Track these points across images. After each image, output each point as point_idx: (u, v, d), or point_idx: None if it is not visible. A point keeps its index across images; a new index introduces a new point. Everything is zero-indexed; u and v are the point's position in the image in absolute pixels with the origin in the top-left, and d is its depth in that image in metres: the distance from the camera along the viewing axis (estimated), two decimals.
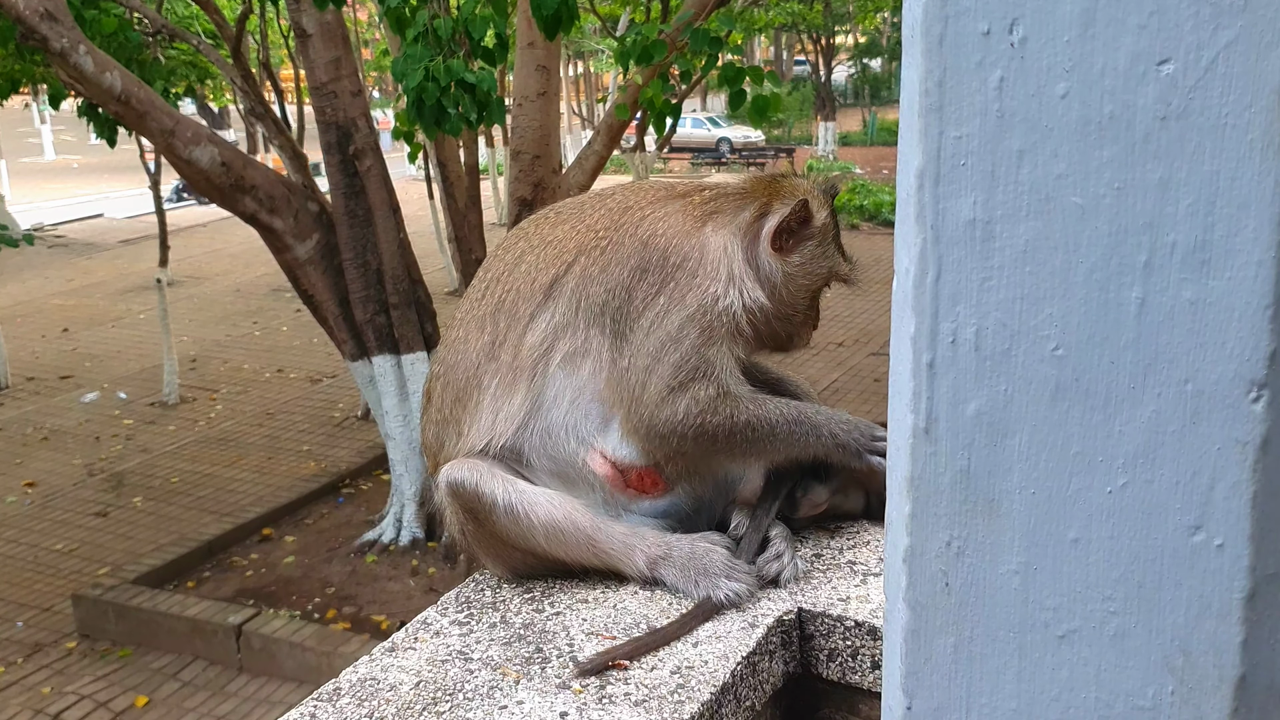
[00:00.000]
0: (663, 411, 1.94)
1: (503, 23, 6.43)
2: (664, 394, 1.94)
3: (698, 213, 2.03)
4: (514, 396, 2.02)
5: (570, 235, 2.05)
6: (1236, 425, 0.82)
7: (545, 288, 2.02)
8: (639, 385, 1.96)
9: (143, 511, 10.73)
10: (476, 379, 2.05)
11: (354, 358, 9.15)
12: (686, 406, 1.94)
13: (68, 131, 41.27)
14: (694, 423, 1.95)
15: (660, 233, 2.00)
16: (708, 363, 1.96)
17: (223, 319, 17.88)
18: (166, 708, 7.69)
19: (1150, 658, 0.89)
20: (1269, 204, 0.78)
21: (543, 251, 2.05)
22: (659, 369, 1.94)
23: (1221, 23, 0.77)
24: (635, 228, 2.01)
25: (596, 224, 2.04)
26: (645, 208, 2.04)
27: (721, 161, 35.07)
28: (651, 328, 1.95)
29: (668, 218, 2.02)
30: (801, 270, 2.08)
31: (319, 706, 1.71)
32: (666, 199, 2.07)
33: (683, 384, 1.95)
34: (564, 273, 2.01)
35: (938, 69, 0.85)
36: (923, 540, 0.94)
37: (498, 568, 2.08)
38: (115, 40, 8.89)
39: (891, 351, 0.96)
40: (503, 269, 2.10)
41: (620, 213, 2.04)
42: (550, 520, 1.96)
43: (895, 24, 36.04)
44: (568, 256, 2.02)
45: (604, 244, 2.01)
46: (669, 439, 1.96)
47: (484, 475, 1.99)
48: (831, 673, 1.92)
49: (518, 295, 2.04)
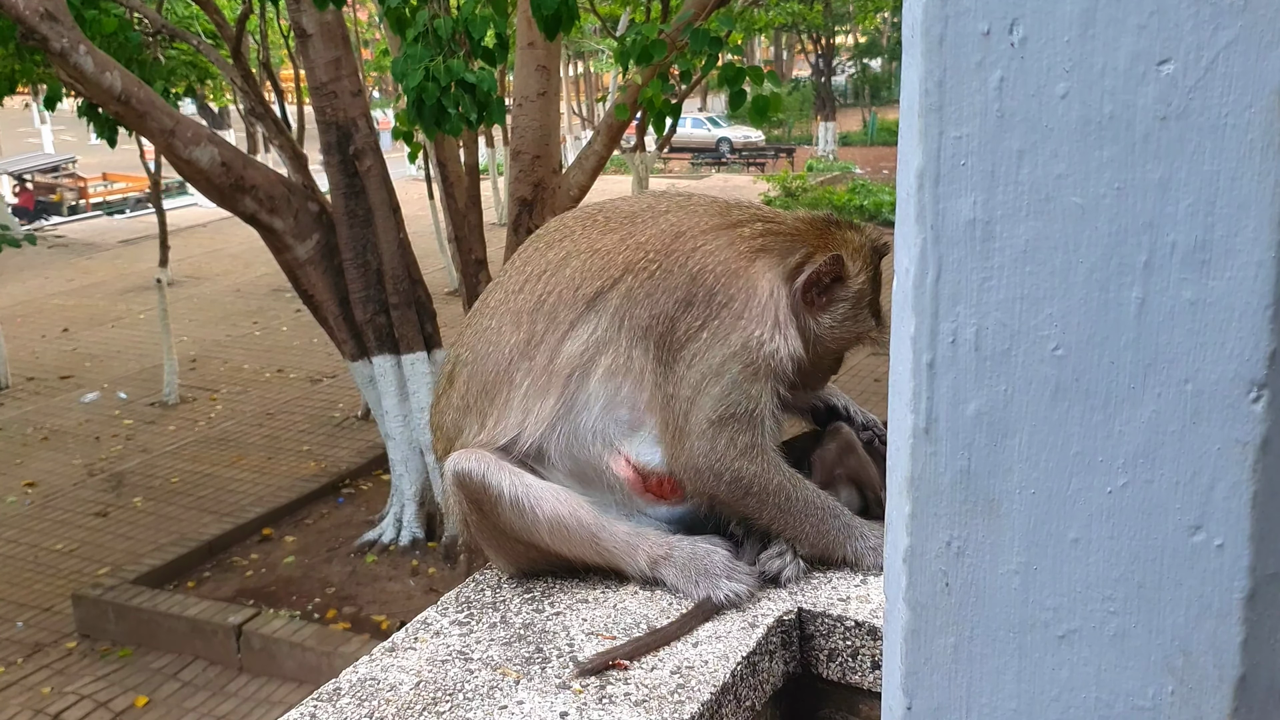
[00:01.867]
0: (701, 445, 1.96)
1: (503, 23, 6.43)
2: (704, 427, 1.96)
3: (746, 248, 2.02)
4: (546, 399, 2.02)
5: (619, 249, 2.04)
6: (1236, 425, 0.82)
7: (589, 299, 2.01)
8: (681, 416, 1.97)
9: (143, 511, 10.73)
10: (508, 375, 2.05)
11: (354, 358, 9.16)
12: (726, 444, 1.95)
13: (68, 131, 41.23)
14: (731, 464, 1.96)
15: (710, 268, 1.99)
16: (753, 401, 1.96)
17: (223, 319, 17.88)
18: (166, 708, 7.70)
19: (1150, 658, 0.89)
20: (1269, 204, 0.78)
21: (590, 259, 2.04)
22: (701, 401, 1.95)
23: (1221, 23, 0.77)
24: (686, 258, 2.00)
25: (647, 243, 2.03)
26: (698, 236, 2.03)
27: (721, 161, 35.07)
28: (694, 360, 1.96)
29: (718, 251, 2.00)
30: (829, 332, 2.08)
31: (319, 706, 1.71)
32: (719, 229, 2.05)
33: (723, 420, 1.95)
34: (609, 288, 2.01)
35: (938, 69, 0.85)
36: (923, 540, 0.94)
37: (500, 560, 2.09)
38: (115, 40, 8.88)
39: (891, 351, 0.96)
40: (545, 267, 2.08)
41: (673, 237, 2.03)
42: (555, 515, 1.96)
43: (895, 24, 36.05)
44: (614, 271, 2.01)
45: (653, 268, 2.00)
46: (704, 475, 1.97)
47: (491, 467, 1.99)
48: (831, 673, 1.92)
49: (559, 299, 2.03)
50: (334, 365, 13.86)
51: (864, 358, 9.57)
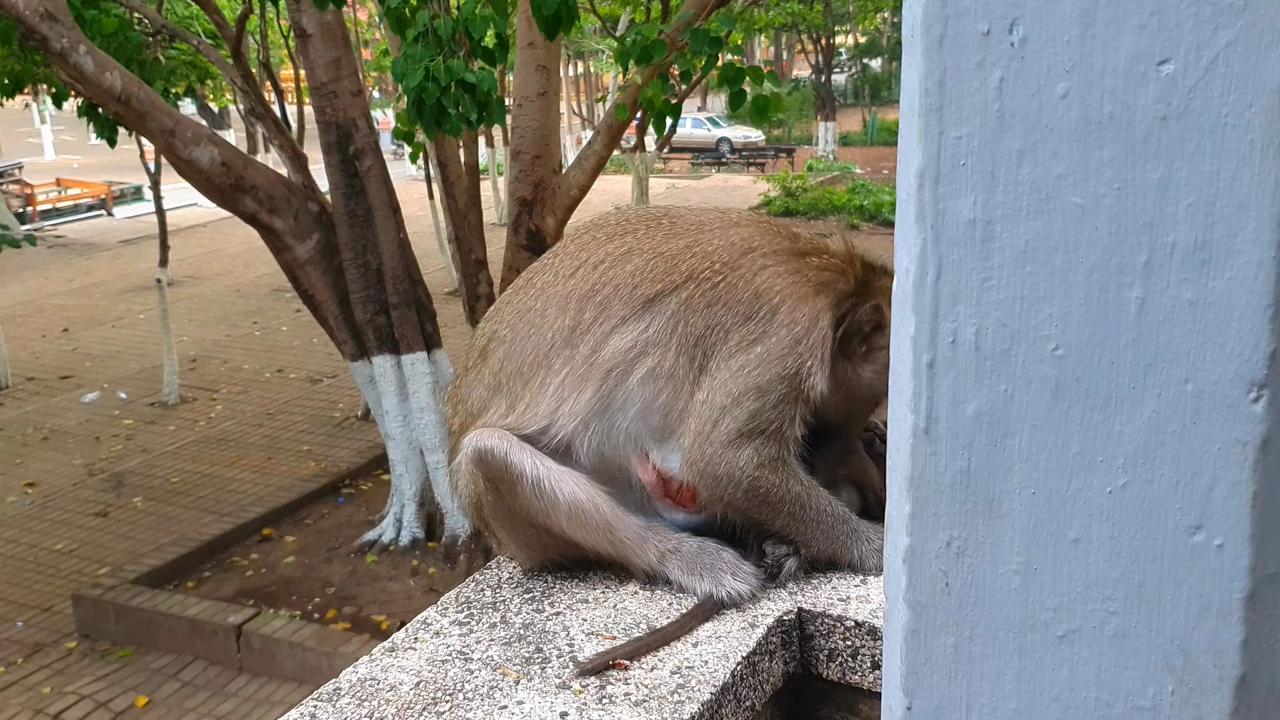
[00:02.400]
0: (726, 454, 1.96)
1: (503, 23, 6.43)
2: (733, 437, 1.95)
3: (815, 279, 2.02)
4: (583, 392, 2.00)
5: (685, 256, 2.03)
6: (1236, 425, 0.82)
7: (647, 299, 2.00)
8: (710, 422, 1.96)
9: (143, 511, 10.73)
10: (547, 360, 2.03)
11: (354, 358, 9.16)
12: (749, 456, 1.96)
13: (68, 131, 41.26)
14: (751, 474, 1.96)
15: (776, 290, 1.99)
16: (784, 421, 1.97)
17: (223, 319, 17.88)
18: (166, 708, 7.70)
19: (1150, 658, 0.89)
20: (1269, 204, 0.78)
21: (653, 261, 2.03)
22: (736, 412, 1.95)
23: (1221, 23, 0.77)
24: (753, 276, 2.00)
25: (714, 254, 2.02)
26: (767, 256, 2.03)
27: (721, 161, 35.09)
28: (740, 371, 1.96)
29: (785, 276, 2.01)
30: (870, 380, 2.08)
31: (319, 706, 1.71)
32: (788, 254, 2.05)
33: (752, 434, 1.96)
34: (669, 292, 2.00)
35: (938, 69, 0.85)
36: (923, 540, 0.94)
37: (510, 543, 2.07)
38: (115, 40, 8.88)
39: (892, 351, 0.96)
40: (604, 257, 2.06)
41: (741, 253, 2.02)
42: (574, 499, 1.96)
43: (895, 24, 36.05)
44: (677, 278, 2.00)
45: (717, 280, 1.99)
46: (722, 482, 1.97)
47: (514, 446, 1.97)
48: (831, 673, 1.92)
49: (615, 293, 2.01)
50: (334, 365, 13.86)
51: None
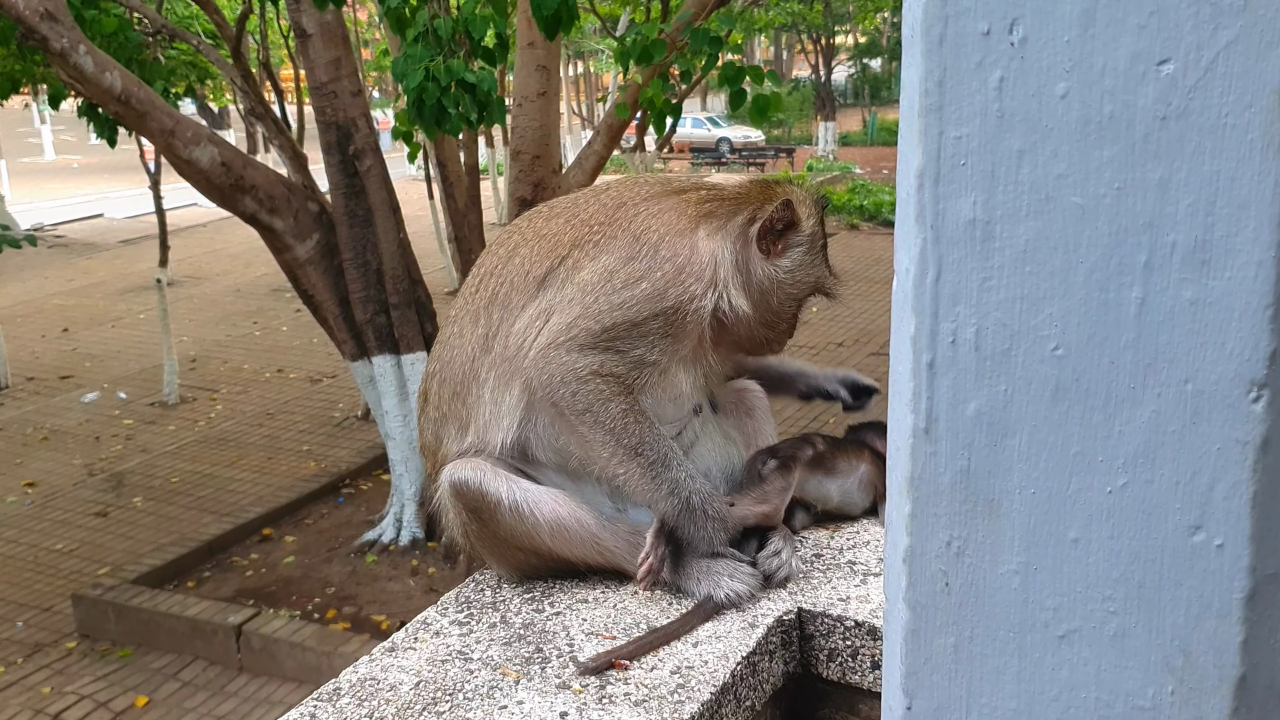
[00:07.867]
0: (570, 355, 1.92)
1: (503, 23, 6.43)
2: (581, 342, 1.92)
3: (693, 212, 2.03)
4: (512, 388, 2.00)
5: (565, 229, 2.05)
6: (1236, 425, 0.82)
7: (539, 280, 2.01)
8: (566, 326, 1.93)
9: (143, 511, 10.73)
10: (473, 372, 2.04)
11: (354, 358, 9.15)
12: (590, 361, 1.91)
13: (68, 131, 41.27)
14: (584, 377, 1.91)
15: (654, 228, 1.99)
16: (647, 348, 1.94)
17: (223, 319, 17.88)
18: (166, 708, 7.69)
19: (1150, 658, 0.89)
20: (1269, 204, 0.78)
21: (536, 245, 2.05)
22: (591, 325, 1.92)
23: (1221, 23, 0.77)
24: (629, 222, 2.01)
25: (591, 219, 2.04)
26: (640, 204, 2.04)
27: (721, 161, 35.08)
28: (621, 305, 1.93)
29: (662, 214, 2.02)
30: (790, 277, 2.08)
31: (319, 706, 1.71)
32: (662, 195, 2.07)
33: (602, 347, 1.92)
34: (557, 265, 2.01)
35: (938, 69, 0.85)
36: (923, 540, 0.94)
37: (501, 568, 2.08)
38: (115, 40, 8.88)
39: (891, 351, 0.96)
40: (496, 263, 2.09)
41: (615, 208, 2.04)
42: (555, 518, 1.96)
43: (895, 24, 36.04)
44: (561, 250, 2.02)
45: (597, 237, 2.00)
46: (555, 379, 1.92)
47: (488, 474, 1.98)
48: (831, 673, 1.92)
49: (511, 288, 2.04)
50: (334, 365, 13.85)
51: (863, 357, 9.60)
